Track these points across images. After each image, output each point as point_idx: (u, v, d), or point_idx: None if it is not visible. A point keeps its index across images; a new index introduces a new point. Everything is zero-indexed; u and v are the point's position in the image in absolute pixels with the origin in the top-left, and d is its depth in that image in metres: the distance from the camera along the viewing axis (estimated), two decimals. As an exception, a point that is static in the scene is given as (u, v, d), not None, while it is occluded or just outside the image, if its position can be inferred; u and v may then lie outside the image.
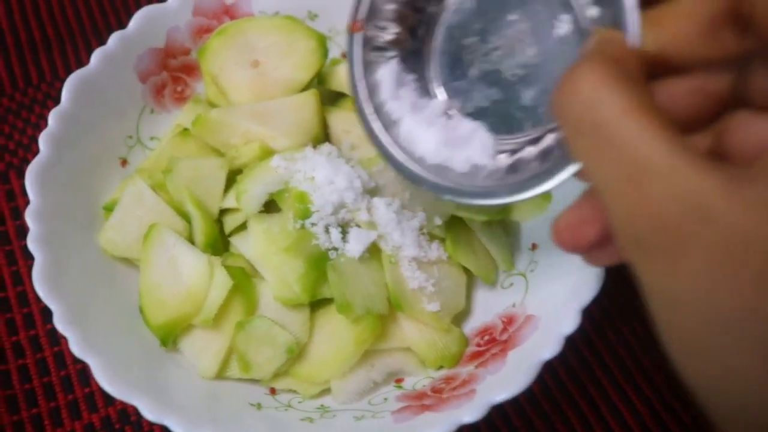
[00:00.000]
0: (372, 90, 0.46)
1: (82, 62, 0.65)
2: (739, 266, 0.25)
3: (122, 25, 0.63)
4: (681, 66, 0.31)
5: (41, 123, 0.62)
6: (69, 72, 0.63)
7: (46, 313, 0.54)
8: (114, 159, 0.56)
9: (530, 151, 0.40)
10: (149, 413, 0.43)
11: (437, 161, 0.44)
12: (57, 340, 0.54)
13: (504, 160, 0.42)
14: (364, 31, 0.45)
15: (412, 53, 0.47)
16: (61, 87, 0.62)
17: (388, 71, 0.46)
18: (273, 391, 0.50)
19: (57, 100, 0.61)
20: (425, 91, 0.47)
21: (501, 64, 0.43)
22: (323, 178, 0.51)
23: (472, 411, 0.43)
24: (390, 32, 0.46)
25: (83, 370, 0.53)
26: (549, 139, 0.39)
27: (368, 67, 0.46)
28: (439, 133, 0.44)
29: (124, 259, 0.53)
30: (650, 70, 0.31)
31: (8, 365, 0.53)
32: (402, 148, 0.45)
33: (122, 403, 0.52)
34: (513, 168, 0.41)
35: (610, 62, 0.29)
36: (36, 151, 0.59)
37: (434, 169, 0.43)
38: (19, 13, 0.67)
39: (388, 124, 0.46)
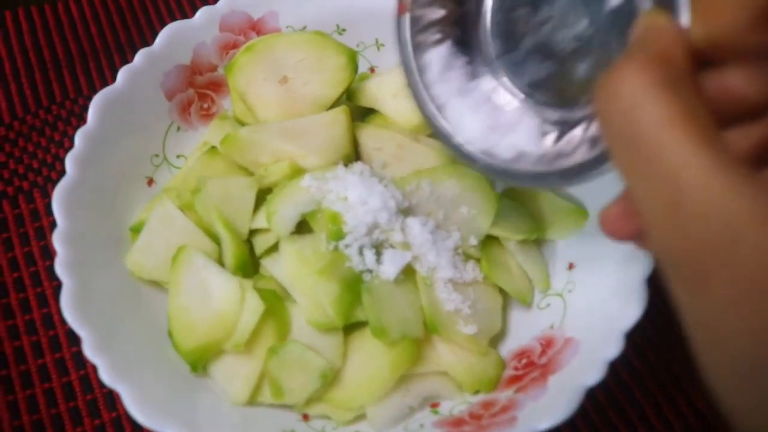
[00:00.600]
0: (420, 72, 0.45)
1: (105, 79, 0.64)
2: (762, 300, 0.24)
3: (146, 41, 0.62)
4: (729, 56, 0.29)
5: (65, 141, 0.61)
6: (92, 89, 0.62)
7: (72, 336, 0.54)
8: (140, 178, 0.55)
9: (579, 133, 0.39)
10: (182, 444, 0.42)
11: (483, 147, 0.43)
12: (83, 363, 0.53)
13: (551, 145, 0.41)
14: (410, 11, 0.44)
15: (463, 29, 0.45)
16: (85, 104, 0.61)
17: (437, 55, 0.45)
18: (306, 418, 0.49)
19: (80, 118, 0.61)
20: (474, 75, 0.45)
21: (553, 36, 0.42)
22: (356, 198, 0.49)
23: (514, 440, 0.42)
24: (438, 10, 0.45)
25: (110, 394, 0.52)
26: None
27: (417, 48, 0.45)
28: (484, 118, 0.44)
29: (152, 281, 0.52)
30: (698, 61, 0.29)
31: (34, 389, 0.52)
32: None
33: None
34: (560, 154, 0.40)
35: (654, 62, 0.27)
36: (60, 170, 0.59)
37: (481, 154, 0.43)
38: (43, 31, 0.66)
39: (435, 108, 0.45)
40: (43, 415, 0.52)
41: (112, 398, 0.52)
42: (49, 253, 0.57)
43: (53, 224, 0.56)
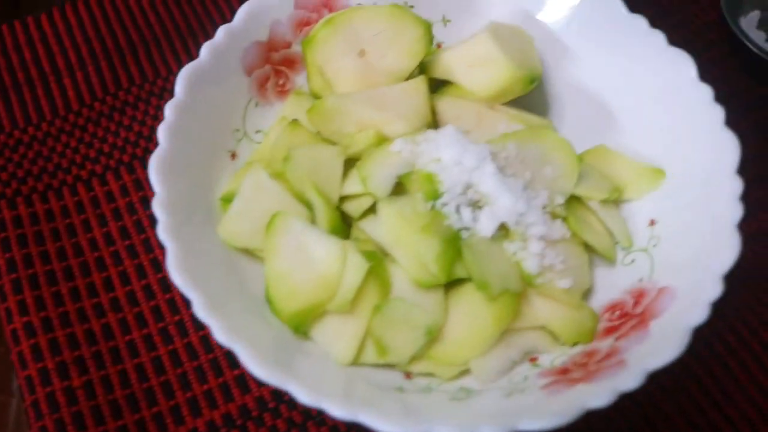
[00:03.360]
0: None
1: (192, 58, 0.65)
2: None
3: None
4: None
5: (159, 114, 0.62)
6: (180, 67, 0.63)
7: (172, 305, 0.55)
8: (225, 152, 0.56)
9: None
10: (304, 397, 0.42)
11: None
12: (201, 325, 0.53)
13: None
14: None
15: None
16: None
17: None
18: (408, 376, 0.49)
19: (172, 94, 0.62)
20: None
21: None
22: (450, 158, 0.50)
23: (628, 379, 0.43)
24: None
25: (230, 353, 0.52)
26: None
27: None
28: None
29: (244, 249, 0.52)
30: None
31: (158, 351, 0.53)
32: None
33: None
34: None
35: None
36: (156, 142, 0.59)
37: None
38: (103, 21, 0.67)
39: None
40: (170, 376, 0.52)
41: (217, 364, 0.53)
42: (142, 227, 0.57)
43: (142, 199, 0.57)
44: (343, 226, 0.52)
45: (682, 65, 0.54)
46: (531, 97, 0.60)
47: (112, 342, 0.52)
